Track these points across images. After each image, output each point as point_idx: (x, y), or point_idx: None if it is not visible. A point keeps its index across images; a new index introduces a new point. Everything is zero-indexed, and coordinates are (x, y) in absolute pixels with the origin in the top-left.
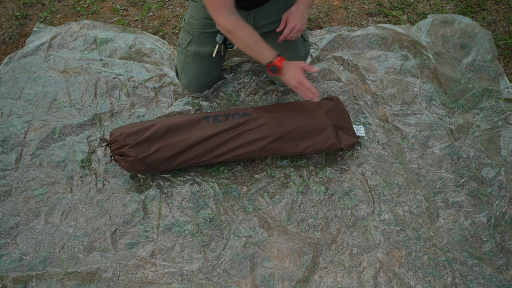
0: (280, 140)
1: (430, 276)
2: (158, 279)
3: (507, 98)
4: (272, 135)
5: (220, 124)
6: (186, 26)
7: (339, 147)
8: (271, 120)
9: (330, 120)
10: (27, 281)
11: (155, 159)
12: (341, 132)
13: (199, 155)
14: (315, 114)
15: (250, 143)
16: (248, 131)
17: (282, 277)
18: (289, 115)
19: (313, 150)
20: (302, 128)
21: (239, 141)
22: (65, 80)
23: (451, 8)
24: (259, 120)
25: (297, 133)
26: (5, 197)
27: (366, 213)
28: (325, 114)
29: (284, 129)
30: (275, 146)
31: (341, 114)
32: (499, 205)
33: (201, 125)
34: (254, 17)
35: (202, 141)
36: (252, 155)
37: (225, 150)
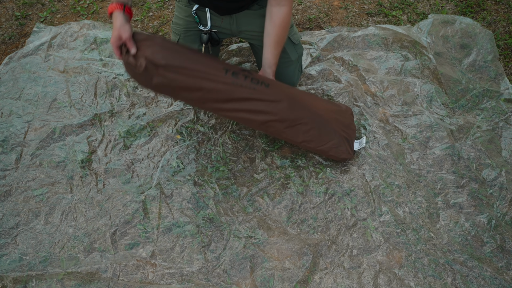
0: (284, 123)
1: (431, 277)
2: (158, 279)
3: (507, 98)
4: (280, 114)
5: (236, 81)
6: (173, 27)
7: (332, 156)
8: (285, 100)
9: (337, 127)
10: (27, 281)
11: (163, 75)
12: (342, 143)
13: (203, 100)
14: (327, 115)
15: (255, 112)
16: (259, 100)
17: (282, 278)
18: (304, 103)
19: (308, 147)
20: (309, 121)
21: (246, 105)
22: (65, 80)
23: (451, 8)
24: (274, 95)
25: (303, 123)
26: (5, 197)
27: (366, 214)
28: (335, 119)
29: (293, 114)
30: (277, 126)
31: (348, 127)
32: (499, 206)
33: (218, 72)
34: (237, 22)
35: (213, 88)
36: (252, 124)
37: (229, 108)
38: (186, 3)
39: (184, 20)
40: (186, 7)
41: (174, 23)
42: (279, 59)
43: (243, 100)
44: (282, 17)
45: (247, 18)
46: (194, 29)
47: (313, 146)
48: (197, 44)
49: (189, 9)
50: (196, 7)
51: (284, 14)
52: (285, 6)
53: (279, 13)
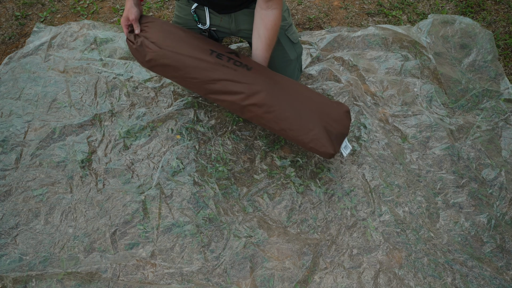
0: (263, 107)
1: (430, 277)
2: (158, 279)
3: (507, 98)
4: (258, 97)
5: (219, 61)
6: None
7: (312, 149)
8: (265, 84)
9: (321, 118)
10: (27, 281)
11: (152, 57)
12: (323, 135)
13: (188, 79)
14: (311, 104)
15: (234, 93)
16: (238, 82)
17: (282, 277)
18: (288, 90)
19: (288, 136)
20: (289, 108)
21: (225, 86)
22: (65, 80)
23: (451, 8)
24: (255, 79)
25: (283, 109)
26: (5, 197)
27: (366, 214)
28: (321, 111)
29: (272, 100)
30: (255, 110)
31: (337, 121)
32: (499, 206)
33: (203, 52)
34: (235, 20)
35: (196, 68)
36: (233, 108)
37: (211, 89)
38: (186, 2)
39: (183, 19)
40: (186, 5)
41: (174, 22)
42: (278, 58)
43: (222, 81)
44: (274, 20)
45: (246, 17)
46: (194, 28)
47: (293, 135)
48: None
49: (188, 8)
50: (195, 6)
51: (275, 17)
52: (276, 9)
53: (270, 16)
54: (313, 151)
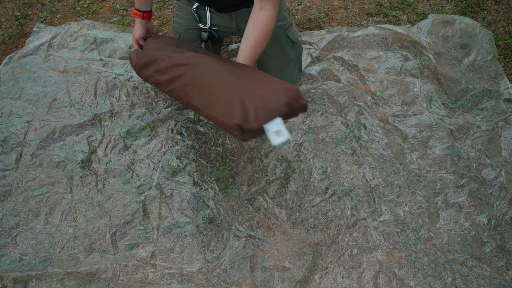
0: (190, 85)
1: (430, 277)
2: (158, 279)
3: (507, 98)
4: (190, 75)
5: (177, 50)
6: (174, 26)
7: (222, 124)
8: (202, 61)
9: (241, 90)
10: (27, 281)
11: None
12: (233, 106)
13: (154, 74)
14: (240, 73)
15: (178, 77)
16: (183, 65)
17: (282, 277)
18: (219, 63)
19: (210, 115)
20: (206, 78)
21: (174, 72)
22: (65, 80)
23: (451, 8)
24: (196, 59)
25: (203, 80)
26: (5, 197)
27: (366, 213)
28: (245, 84)
29: (200, 74)
30: (189, 90)
31: (265, 96)
32: (499, 206)
33: (167, 47)
34: (236, 20)
35: (156, 60)
36: (178, 95)
37: (166, 78)
38: (187, 2)
39: (184, 19)
40: (187, 5)
41: (175, 22)
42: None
43: (172, 67)
44: (265, 22)
45: (246, 16)
46: (194, 28)
47: (213, 114)
48: (197, 43)
49: (189, 8)
50: (196, 5)
51: (266, 18)
52: (269, 11)
53: (262, 17)
54: (225, 129)
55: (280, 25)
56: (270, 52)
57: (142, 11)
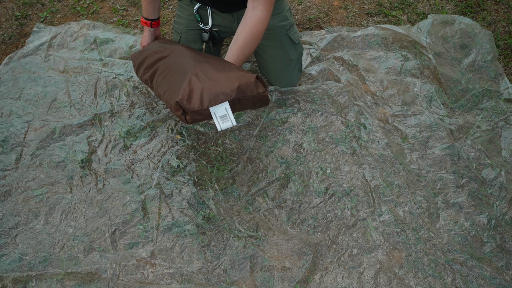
0: (160, 75)
1: (430, 277)
2: (157, 279)
3: (507, 98)
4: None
5: (160, 46)
6: (175, 27)
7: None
8: (175, 51)
9: (194, 68)
10: (27, 281)
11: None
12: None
13: (144, 73)
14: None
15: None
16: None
17: (282, 277)
18: (190, 52)
19: (166, 100)
20: (170, 62)
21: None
22: (65, 80)
23: (451, 8)
24: (172, 49)
25: (168, 66)
26: (5, 197)
27: (366, 213)
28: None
29: (168, 60)
30: (158, 80)
31: (218, 77)
32: (499, 206)
33: (155, 47)
34: (237, 20)
35: (145, 59)
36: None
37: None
38: (188, 2)
39: (186, 19)
40: (188, 6)
41: (176, 22)
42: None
43: (155, 63)
44: (255, 22)
45: None
46: (196, 28)
47: (167, 98)
48: (198, 43)
49: (190, 8)
50: (197, 6)
51: (257, 19)
52: (260, 11)
53: (253, 17)
54: (170, 109)
55: (282, 25)
56: (271, 52)
57: (150, 20)
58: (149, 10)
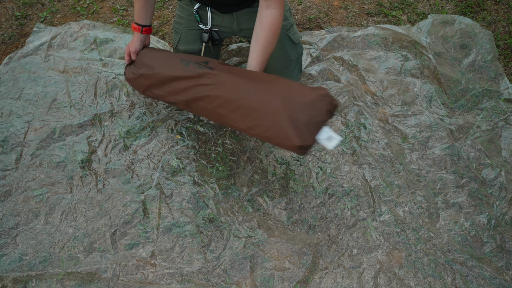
0: (226, 107)
1: (430, 277)
2: (157, 279)
3: (507, 98)
4: (221, 97)
5: (187, 68)
6: (175, 26)
7: (280, 144)
8: (227, 82)
9: (284, 106)
10: (27, 281)
11: (139, 83)
12: (285, 125)
13: (169, 94)
14: (274, 93)
15: (201, 98)
16: (203, 85)
17: (282, 277)
18: (249, 83)
19: (256, 134)
20: (249, 102)
21: (193, 93)
22: (65, 80)
23: (451, 8)
24: (217, 77)
25: (243, 105)
26: (5, 197)
27: (366, 213)
28: (285, 97)
29: (233, 95)
30: (221, 111)
31: (309, 107)
32: (499, 206)
33: (174, 64)
34: (237, 20)
35: (169, 80)
36: (206, 114)
37: (185, 99)
38: (188, 2)
39: (185, 19)
40: (188, 6)
41: (176, 22)
42: (279, 58)
43: (191, 88)
44: (272, 20)
45: (248, 16)
46: (195, 28)
47: (259, 132)
48: (198, 43)
49: (190, 8)
50: (197, 6)
51: (274, 17)
52: (275, 9)
53: (269, 16)
54: (282, 147)
55: (282, 25)
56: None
57: (141, 25)
58: (140, 15)
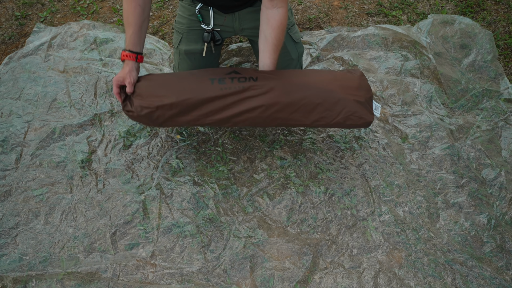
0: (286, 110)
1: (430, 277)
2: (157, 279)
3: (507, 98)
4: (278, 103)
5: (224, 86)
6: (176, 26)
7: (351, 125)
8: (278, 87)
9: (345, 93)
10: (27, 281)
11: (157, 116)
12: (355, 108)
13: (202, 117)
14: (329, 85)
15: (254, 109)
16: (253, 97)
17: (282, 277)
18: (299, 82)
19: (322, 125)
20: (311, 99)
21: (243, 106)
22: (65, 80)
23: (451, 8)
24: (266, 86)
25: (306, 103)
26: (5, 197)
27: (366, 213)
28: (341, 86)
29: (291, 98)
30: (281, 115)
31: (359, 88)
32: (499, 206)
33: (205, 85)
34: (239, 19)
35: (205, 103)
36: (260, 123)
37: (229, 115)
38: (190, 2)
39: (187, 19)
40: (190, 6)
41: (177, 22)
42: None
43: (238, 103)
44: (280, 20)
45: (250, 15)
46: (197, 28)
47: (326, 122)
48: (200, 43)
49: (192, 8)
50: (199, 6)
51: (281, 16)
52: (282, 8)
53: (276, 15)
54: (351, 127)
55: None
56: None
57: (135, 52)
58: (134, 41)
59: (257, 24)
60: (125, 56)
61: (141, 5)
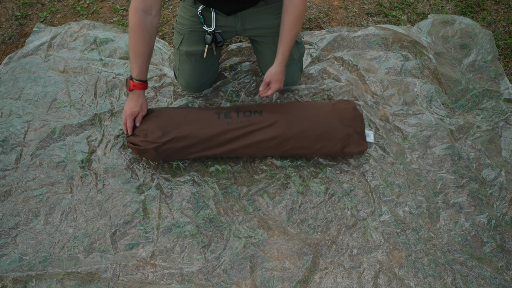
0: (290, 140)
1: (430, 277)
2: (157, 279)
3: (507, 98)
4: (282, 135)
5: (230, 120)
6: (177, 27)
7: (347, 153)
8: (282, 121)
9: (342, 125)
10: (27, 281)
11: (163, 150)
12: (351, 138)
13: (208, 149)
14: (327, 117)
15: (259, 142)
16: (259, 130)
17: (282, 277)
18: (301, 116)
19: (322, 153)
20: (312, 131)
21: (249, 139)
22: (65, 80)
23: (451, 8)
24: (270, 120)
25: (307, 135)
26: (5, 197)
27: (366, 213)
28: (338, 118)
29: (294, 131)
30: (285, 145)
31: (354, 119)
32: (499, 206)
33: (211, 120)
34: (241, 20)
35: (212, 136)
36: (266, 152)
37: (236, 147)
38: (192, 4)
39: (188, 21)
40: (191, 7)
41: (178, 23)
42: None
43: (244, 136)
44: (296, 3)
45: (252, 16)
46: (199, 30)
47: (327, 151)
48: (201, 45)
49: (194, 9)
50: (201, 8)
51: (297, 1)
52: None
53: (292, 0)
54: (348, 155)
55: None
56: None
57: (144, 81)
58: (143, 70)
59: (260, 24)
60: (135, 87)
61: (149, 32)
